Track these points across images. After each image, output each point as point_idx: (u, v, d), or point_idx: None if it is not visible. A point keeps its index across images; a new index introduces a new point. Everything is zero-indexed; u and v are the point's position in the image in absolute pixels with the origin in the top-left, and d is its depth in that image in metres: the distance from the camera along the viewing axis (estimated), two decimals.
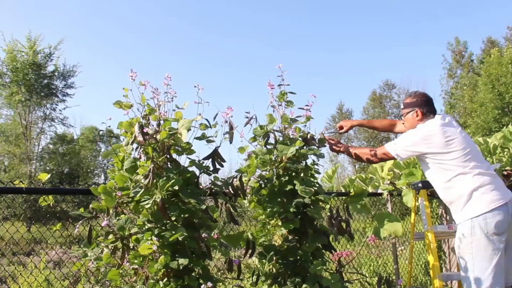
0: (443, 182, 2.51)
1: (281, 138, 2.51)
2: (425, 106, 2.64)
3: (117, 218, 2.07)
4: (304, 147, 2.50)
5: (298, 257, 2.45)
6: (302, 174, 2.51)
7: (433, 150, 2.48)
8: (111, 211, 2.07)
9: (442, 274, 3.02)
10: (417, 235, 3.48)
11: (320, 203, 2.56)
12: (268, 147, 2.50)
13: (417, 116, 2.64)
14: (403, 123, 2.78)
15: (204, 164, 2.23)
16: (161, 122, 2.14)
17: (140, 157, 2.15)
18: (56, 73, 20.91)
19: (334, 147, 2.82)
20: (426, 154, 2.52)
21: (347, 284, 2.56)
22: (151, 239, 1.96)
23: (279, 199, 2.45)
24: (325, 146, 2.68)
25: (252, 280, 2.51)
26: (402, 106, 2.77)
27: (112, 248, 2.06)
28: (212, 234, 2.20)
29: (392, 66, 47.48)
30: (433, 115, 2.63)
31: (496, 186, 2.41)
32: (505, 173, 3.77)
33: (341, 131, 3.00)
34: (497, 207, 2.34)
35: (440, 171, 2.50)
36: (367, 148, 2.84)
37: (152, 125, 2.15)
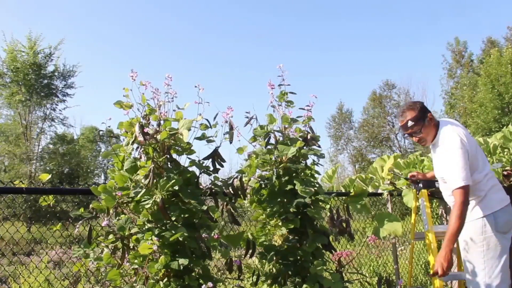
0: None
1: (281, 138, 2.51)
2: (427, 108, 2.63)
3: (117, 218, 2.07)
4: (304, 147, 2.50)
5: (298, 257, 2.45)
6: (302, 174, 2.51)
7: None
8: (111, 211, 2.07)
9: None
10: (418, 235, 3.48)
11: (320, 203, 2.56)
12: (269, 147, 2.50)
13: (431, 120, 2.58)
14: (418, 140, 2.61)
15: (204, 164, 2.23)
16: (162, 122, 2.14)
17: (140, 157, 2.15)
18: (56, 73, 20.91)
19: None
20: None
21: (347, 284, 2.56)
22: (151, 239, 1.96)
23: (279, 199, 2.44)
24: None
25: (252, 280, 2.50)
26: (411, 123, 2.55)
27: (112, 248, 2.06)
28: (212, 234, 2.19)
29: (392, 66, 47.43)
30: None
31: (500, 188, 2.50)
32: (505, 173, 3.77)
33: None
34: (504, 207, 2.42)
35: None
36: (454, 208, 2.39)
37: (153, 125, 2.15)
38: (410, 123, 2.55)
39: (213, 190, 2.28)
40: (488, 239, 2.36)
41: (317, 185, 2.49)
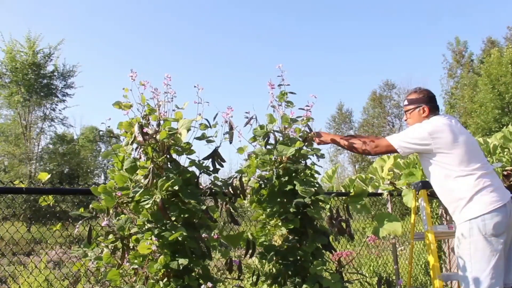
0: (444, 183, 2.49)
1: (281, 138, 2.51)
2: (431, 102, 2.61)
3: (117, 218, 2.06)
4: (304, 147, 2.50)
5: (298, 257, 2.45)
6: (302, 174, 2.51)
7: (438, 148, 2.43)
8: (111, 211, 2.07)
9: (442, 274, 3.02)
10: (417, 235, 3.48)
11: (320, 203, 2.56)
12: (268, 147, 2.49)
13: (423, 112, 2.59)
14: (406, 120, 2.72)
15: (204, 164, 2.23)
16: (161, 122, 2.14)
17: (140, 157, 2.15)
18: (55, 73, 20.91)
19: (320, 139, 2.64)
20: (430, 151, 2.46)
21: (347, 284, 2.56)
22: (151, 239, 1.96)
23: (279, 199, 2.44)
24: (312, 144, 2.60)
25: (252, 280, 2.50)
26: (406, 102, 2.68)
27: (112, 248, 2.06)
28: (212, 234, 2.19)
29: (392, 66, 47.52)
30: (438, 112, 2.63)
31: (495, 188, 2.39)
32: (505, 173, 3.77)
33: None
34: (495, 209, 2.32)
35: (441, 171, 2.47)
36: (363, 137, 2.67)
37: (152, 125, 2.15)
38: (405, 102, 2.71)
39: (213, 190, 2.28)
40: (475, 243, 2.32)
41: (317, 185, 2.49)
